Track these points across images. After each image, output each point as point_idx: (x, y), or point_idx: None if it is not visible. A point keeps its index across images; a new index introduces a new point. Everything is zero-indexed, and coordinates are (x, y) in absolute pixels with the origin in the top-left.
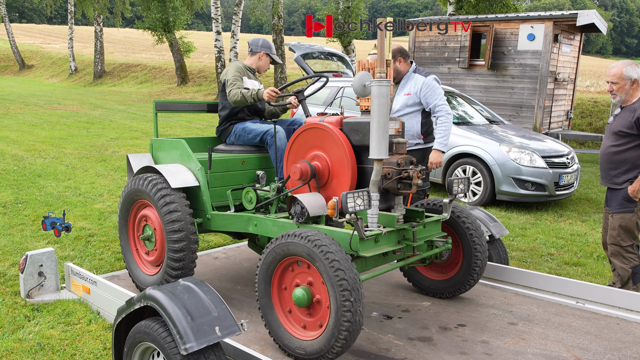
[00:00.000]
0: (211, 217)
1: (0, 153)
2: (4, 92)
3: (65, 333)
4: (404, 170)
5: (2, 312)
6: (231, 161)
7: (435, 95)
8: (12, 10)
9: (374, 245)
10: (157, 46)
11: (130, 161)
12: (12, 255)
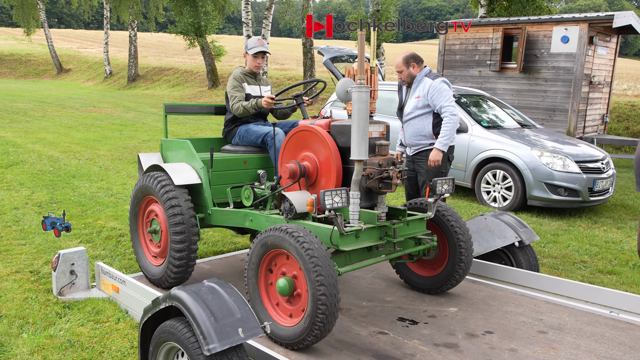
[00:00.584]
0: (212, 212)
1: (38, 154)
2: (42, 95)
3: (95, 331)
4: (385, 170)
5: (35, 309)
6: (233, 161)
7: (442, 97)
8: (51, 16)
9: (355, 240)
10: (189, 50)
11: (141, 160)
12: (45, 253)
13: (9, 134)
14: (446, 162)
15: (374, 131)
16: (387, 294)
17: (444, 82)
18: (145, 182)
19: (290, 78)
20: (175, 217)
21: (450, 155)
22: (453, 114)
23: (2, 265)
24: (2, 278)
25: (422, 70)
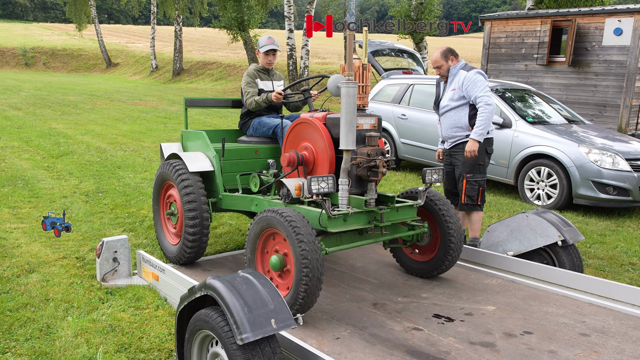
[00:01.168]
0: (222, 197)
1: (86, 145)
2: (92, 88)
3: (135, 317)
4: (373, 159)
5: (80, 294)
6: (245, 150)
7: (476, 87)
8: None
9: (343, 223)
10: (232, 44)
11: (162, 149)
12: (91, 240)
13: (60, 126)
14: (484, 155)
15: (365, 123)
16: (423, 290)
17: (479, 73)
18: (164, 169)
19: (332, 72)
20: (189, 201)
21: (488, 147)
22: (488, 104)
23: (51, 251)
24: (50, 263)
25: (458, 64)
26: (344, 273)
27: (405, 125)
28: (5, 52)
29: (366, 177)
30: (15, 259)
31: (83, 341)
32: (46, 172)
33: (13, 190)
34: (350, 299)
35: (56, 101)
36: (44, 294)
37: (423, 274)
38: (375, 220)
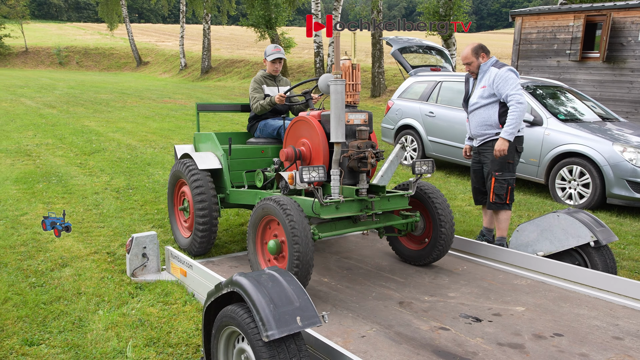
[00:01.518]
0: (230, 192)
1: (117, 142)
2: (122, 86)
3: (163, 312)
4: (362, 152)
5: (110, 288)
6: (251, 150)
7: (508, 85)
8: (132, 12)
9: (335, 211)
10: (260, 42)
11: (176, 150)
12: (121, 236)
13: (92, 123)
14: (514, 153)
15: (356, 119)
16: (450, 289)
17: (511, 70)
18: (177, 167)
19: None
20: (199, 196)
21: (518, 146)
22: (519, 102)
23: (83, 245)
24: (82, 258)
25: (488, 60)
26: (370, 271)
27: (432, 123)
28: (40, 52)
29: (357, 168)
30: (49, 254)
31: (113, 335)
32: (79, 169)
33: (47, 186)
34: (376, 297)
35: (88, 99)
36: (76, 287)
37: (417, 261)
38: (366, 208)
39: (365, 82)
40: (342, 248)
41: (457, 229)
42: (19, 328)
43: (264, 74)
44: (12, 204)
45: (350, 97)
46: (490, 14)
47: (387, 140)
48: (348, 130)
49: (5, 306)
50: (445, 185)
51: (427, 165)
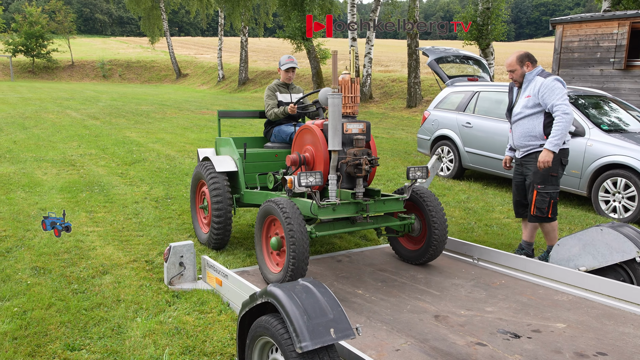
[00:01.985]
0: (244, 193)
1: (157, 153)
2: (162, 98)
3: (199, 320)
4: (357, 158)
5: (148, 296)
6: (266, 154)
7: (554, 95)
8: (172, 25)
9: (332, 212)
10: (296, 53)
11: (199, 153)
12: (159, 245)
13: (133, 134)
14: (558, 166)
15: (354, 128)
16: (487, 303)
17: (557, 80)
18: (198, 169)
19: (394, 80)
20: (216, 197)
21: (563, 158)
22: (565, 113)
23: (123, 254)
24: (121, 266)
25: (534, 69)
26: (405, 284)
27: (470, 134)
28: (85, 65)
29: (353, 174)
30: (90, 261)
31: (151, 342)
32: (120, 179)
33: (90, 196)
34: (411, 310)
35: (130, 111)
36: (116, 295)
37: (415, 261)
38: (362, 210)
39: (401, 92)
40: (377, 260)
41: (495, 242)
42: (62, 333)
43: (278, 82)
44: (57, 212)
45: (349, 109)
46: (529, 22)
47: (423, 151)
48: (346, 138)
49: (49, 311)
50: (482, 197)
51: (421, 171)
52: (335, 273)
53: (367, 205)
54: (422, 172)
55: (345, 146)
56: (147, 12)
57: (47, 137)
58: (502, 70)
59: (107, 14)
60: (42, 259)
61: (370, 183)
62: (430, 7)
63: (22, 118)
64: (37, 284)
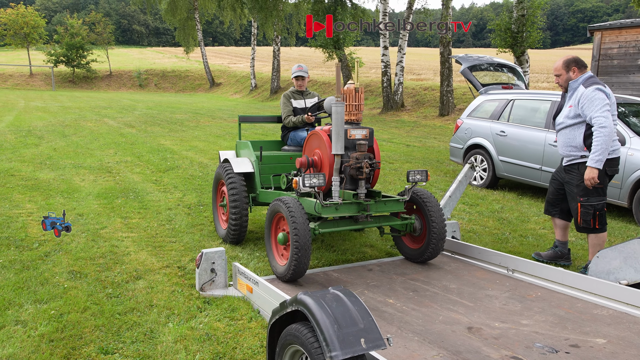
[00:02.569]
0: (259, 193)
1: (190, 160)
2: (196, 107)
3: (229, 327)
4: (359, 162)
5: (180, 302)
6: (280, 157)
7: (593, 106)
8: (207, 36)
9: (335, 211)
10: (327, 62)
11: (220, 155)
12: (191, 251)
13: (168, 142)
14: (603, 177)
15: (358, 134)
16: (523, 316)
17: (599, 89)
18: (219, 170)
19: (427, 88)
20: (233, 195)
21: (609, 169)
22: (602, 126)
23: (156, 259)
24: (154, 271)
25: (581, 77)
26: (437, 294)
27: (504, 143)
28: (123, 75)
29: (355, 176)
30: (125, 266)
31: (182, 348)
32: (154, 185)
33: (125, 202)
34: (444, 321)
35: (165, 119)
36: (148, 300)
37: (416, 259)
38: (363, 210)
39: (434, 101)
40: (408, 269)
41: (530, 253)
42: (96, 336)
43: (293, 90)
44: (94, 218)
45: (354, 116)
46: (566, 29)
47: (456, 159)
48: (350, 143)
49: (84, 315)
50: (517, 207)
51: (420, 174)
52: (366, 282)
53: (368, 205)
54: (422, 175)
55: (348, 150)
56: (183, 23)
57: (85, 144)
58: (538, 78)
59: (144, 25)
60: (79, 263)
61: (374, 185)
62: (464, 14)
63: (62, 126)
64: (74, 288)
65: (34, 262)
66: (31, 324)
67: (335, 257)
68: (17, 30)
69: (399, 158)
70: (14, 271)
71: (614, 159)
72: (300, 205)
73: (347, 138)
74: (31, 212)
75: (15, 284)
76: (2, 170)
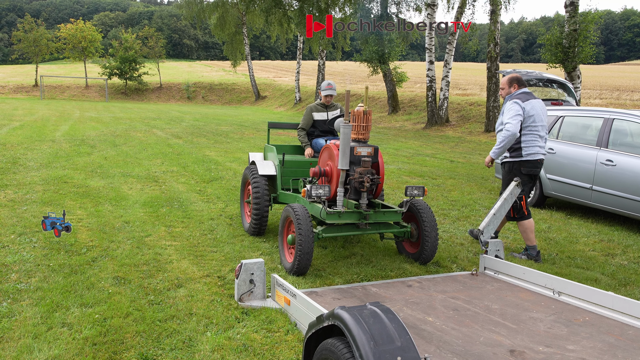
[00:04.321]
0: (279, 194)
1: (233, 172)
2: (241, 119)
3: (266, 339)
4: (361, 176)
5: (219, 311)
6: (300, 162)
7: (507, 115)
8: (253, 50)
9: (338, 218)
10: (372, 76)
11: (249, 157)
12: (232, 261)
13: (212, 153)
14: (519, 173)
15: (363, 151)
16: (569, 341)
17: (515, 102)
18: (246, 171)
19: (472, 103)
20: (256, 194)
21: (523, 168)
22: (508, 130)
23: (197, 268)
24: (195, 280)
25: (514, 92)
26: (478, 314)
27: (553, 160)
28: (172, 87)
29: (358, 188)
30: (167, 274)
31: (219, 357)
32: (198, 195)
33: (170, 211)
34: (485, 342)
35: (210, 131)
36: (188, 308)
37: (414, 261)
38: (363, 218)
39: (479, 116)
40: (449, 287)
41: (579, 276)
42: (137, 342)
43: (318, 102)
44: (139, 226)
45: (361, 135)
46: (621, 44)
47: (501, 177)
48: (356, 159)
49: (126, 320)
50: (565, 227)
51: (418, 190)
52: (405, 298)
53: (368, 214)
54: (419, 190)
55: (354, 165)
56: (231, 37)
57: (134, 154)
58: (590, 95)
59: (193, 40)
60: (124, 269)
61: (377, 197)
62: (512, 29)
63: (113, 136)
64: (117, 293)
65: (81, 267)
66: (76, 327)
67: (374, 272)
68: (76, 44)
69: (442, 174)
70: (63, 275)
71: (530, 161)
72: (307, 213)
73: (353, 154)
74: (81, 219)
75: (64, 287)
76: (56, 177)
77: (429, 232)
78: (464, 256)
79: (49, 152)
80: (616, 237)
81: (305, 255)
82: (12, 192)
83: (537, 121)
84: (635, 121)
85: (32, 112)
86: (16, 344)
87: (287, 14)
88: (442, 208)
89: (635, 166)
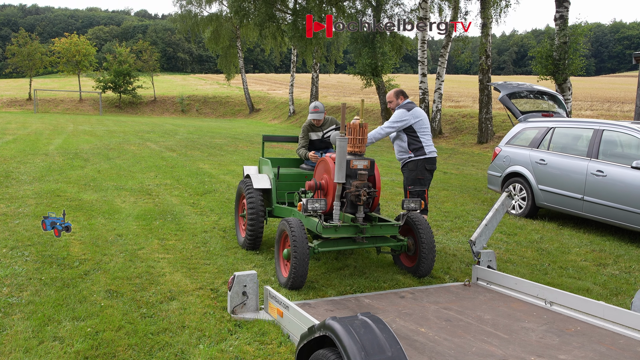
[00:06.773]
0: (274, 207)
1: (227, 184)
2: (235, 132)
3: (259, 351)
4: (358, 190)
5: (211, 323)
6: (297, 175)
7: (392, 118)
8: (247, 63)
9: (334, 232)
10: (365, 89)
11: (244, 170)
12: (225, 274)
13: (206, 166)
14: (423, 171)
15: (360, 164)
16: (560, 351)
17: (401, 110)
18: (241, 185)
19: (465, 115)
20: (251, 209)
21: (427, 165)
22: (384, 127)
23: (190, 281)
24: (188, 292)
25: (401, 103)
26: (470, 324)
27: (544, 171)
28: (166, 100)
29: (355, 201)
30: (159, 287)
31: None
32: (191, 208)
33: (163, 224)
34: (477, 352)
35: (204, 143)
36: (181, 321)
37: (412, 274)
38: (360, 232)
39: (472, 128)
40: (442, 298)
41: (570, 286)
42: (129, 355)
43: (310, 123)
44: (132, 239)
45: (357, 148)
46: (611, 56)
47: (494, 188)
48: (352, 172)
49: (118, 333)
50: (557, 237)
51: (414, 203)
52: (397, 309)
53: (364, 228)
54: (416, 204)
55: (350, 178)
56: (225, 51)
57: (127, 167)
58: (581, 106)
59: (188, 53)
60: (116, 282)
61: (374, 210)
62: (504, 42)
63: (106, 149)
64: (110, 307)
65: (73, 280)
66: (68, 341)
67: (367, 284)
68: (70, 58)
69: (435, 185)
70: (55, 288)
71: (431, 158)
72: (302, 228)
73: (349, 167)
74: (74, 232)
75: (55, 301)
76: (49, 191)
77: (425, 245)
78: (457, 267)
79: (42, 165)
80: (608, 247)
81: (300, 271)
82: (5, 205)
83: (426, 124)
84: (625, 132)
85: (25, 125)
86: (7, 358)
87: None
88: (435, 219)
89: (625, 176)
